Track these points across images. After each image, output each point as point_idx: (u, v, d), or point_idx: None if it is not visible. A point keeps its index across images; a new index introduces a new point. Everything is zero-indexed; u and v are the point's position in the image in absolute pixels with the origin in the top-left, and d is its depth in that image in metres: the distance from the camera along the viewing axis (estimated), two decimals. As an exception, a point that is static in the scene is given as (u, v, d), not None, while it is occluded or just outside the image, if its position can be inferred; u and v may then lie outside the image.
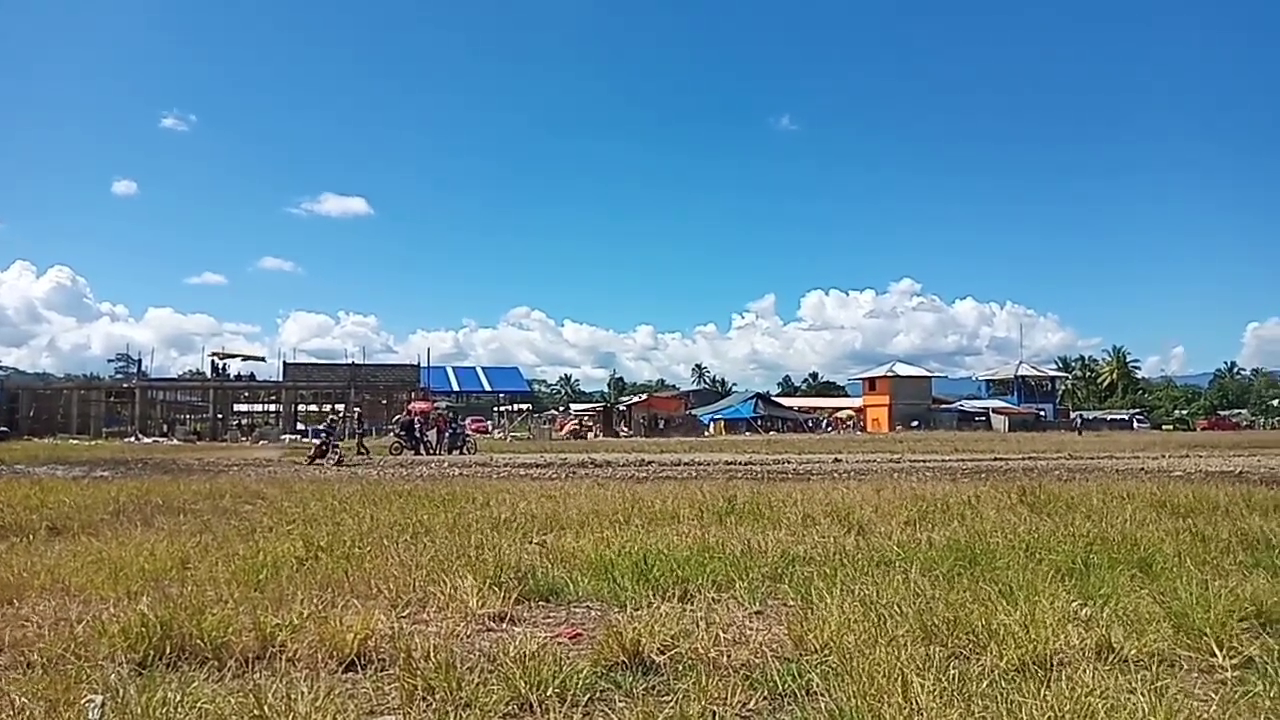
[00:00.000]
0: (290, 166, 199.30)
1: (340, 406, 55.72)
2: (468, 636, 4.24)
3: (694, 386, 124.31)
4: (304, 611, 4.28)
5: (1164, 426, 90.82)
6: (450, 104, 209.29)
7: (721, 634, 4.07)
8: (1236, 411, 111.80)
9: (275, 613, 4.28)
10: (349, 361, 78.78)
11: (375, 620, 4.13)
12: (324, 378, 77.11)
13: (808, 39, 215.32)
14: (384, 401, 73.42)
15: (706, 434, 64.69)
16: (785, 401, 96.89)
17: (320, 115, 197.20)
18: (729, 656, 3.77)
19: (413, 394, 64.61)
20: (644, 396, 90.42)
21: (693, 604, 4.76)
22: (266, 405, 79.99)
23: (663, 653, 3.76)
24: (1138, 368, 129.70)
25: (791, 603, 4.74)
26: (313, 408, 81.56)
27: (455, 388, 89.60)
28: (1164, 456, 24.89)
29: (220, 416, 70.55)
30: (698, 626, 4.08)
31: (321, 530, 7.45)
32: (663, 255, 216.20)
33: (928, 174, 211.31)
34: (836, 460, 23.21)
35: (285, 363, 77.68)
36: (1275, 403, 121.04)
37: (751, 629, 4.29)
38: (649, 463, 22.12)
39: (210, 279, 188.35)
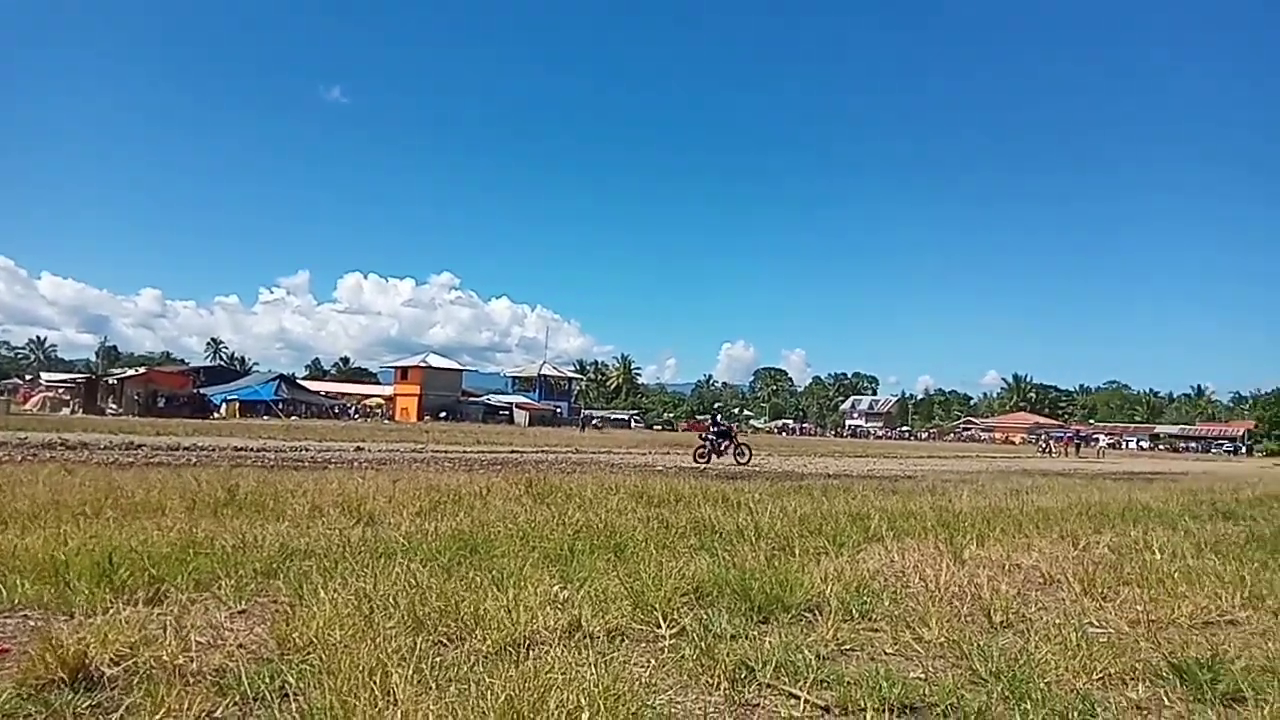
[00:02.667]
0: None
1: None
2: None
3: (207, 362, 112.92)
4: None
5: (655, 426, 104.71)
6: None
7: (195, 638, 3.69)
8: (707, 416, 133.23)
9: None
10: None
11: None
12: None
13: (364, 9, 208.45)
14: None
15: (217, 416, 58.88)
16: (312, 385, 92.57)
17: None
18: (199, 662, 3.43)
19: None
20: (142, 370, 79.37)
21: (164, 606, 4.25)
22: None
23: (116, 664, 3.28)
24: (639, 374, 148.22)
25: (283, 600, 4.48)
26: None
27: None
28: (650, 453, 28.66)
29: None
30: (165, 631, 3.65)
31: None
32: (179, 213, 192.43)
33: (472, 170, 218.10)
34: (359, 449, 22.70)
35: None
36: (737, 410, 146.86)
37: (231, 630, 3.95)
38: (139, 446, 19.42)
39: None
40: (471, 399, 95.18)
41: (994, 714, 3.17)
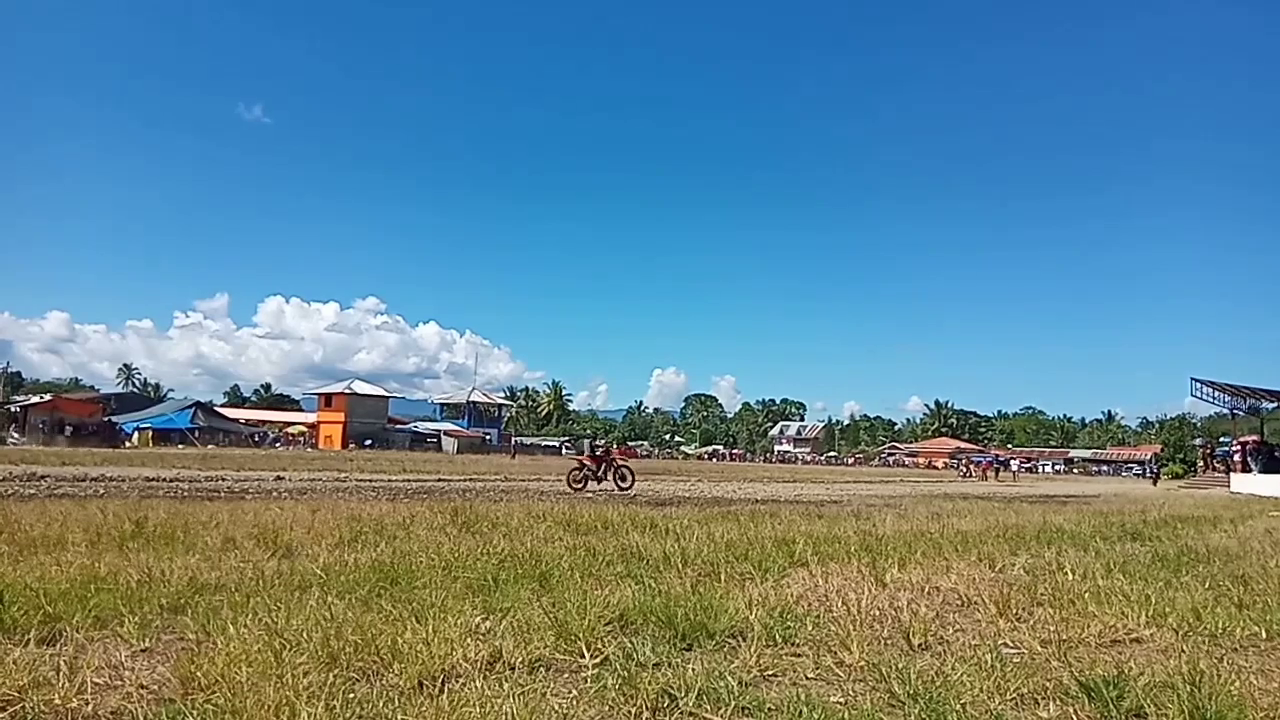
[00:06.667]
0: None
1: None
2: None
3: (118, 389, 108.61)
4: None
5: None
6: None
7: (92, 678, 3.50)
8: (640, 442, 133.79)
9: None
10: None
11: None
12: None
13: (287, 25, 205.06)
14: None
15: (129, 445, 56.55)
16: (231, 413, 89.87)
17: None
18: (94, 704, 3.25)
19: None
20: (48, 397, 75.81)
21: (58, 646, 4.03)
22: None
23: (1, 709, 3.10)
24: (571, 400, 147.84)
25: (191, 636, 4.30)
26: None
27: None
28: (580, 481, 28.44)
29: None
30: (59, 673, 3.45)
31: None
32: (89, 233, 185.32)
33: (398, 191, 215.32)
34: (279, 478, 22.01)
35: None
36: (669, 436, 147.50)
37: (132, 670, 3.76)
38: (42, 477, 18.48)
39: None
40: (398, 426, 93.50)
41: (911, 736, 3.21)
